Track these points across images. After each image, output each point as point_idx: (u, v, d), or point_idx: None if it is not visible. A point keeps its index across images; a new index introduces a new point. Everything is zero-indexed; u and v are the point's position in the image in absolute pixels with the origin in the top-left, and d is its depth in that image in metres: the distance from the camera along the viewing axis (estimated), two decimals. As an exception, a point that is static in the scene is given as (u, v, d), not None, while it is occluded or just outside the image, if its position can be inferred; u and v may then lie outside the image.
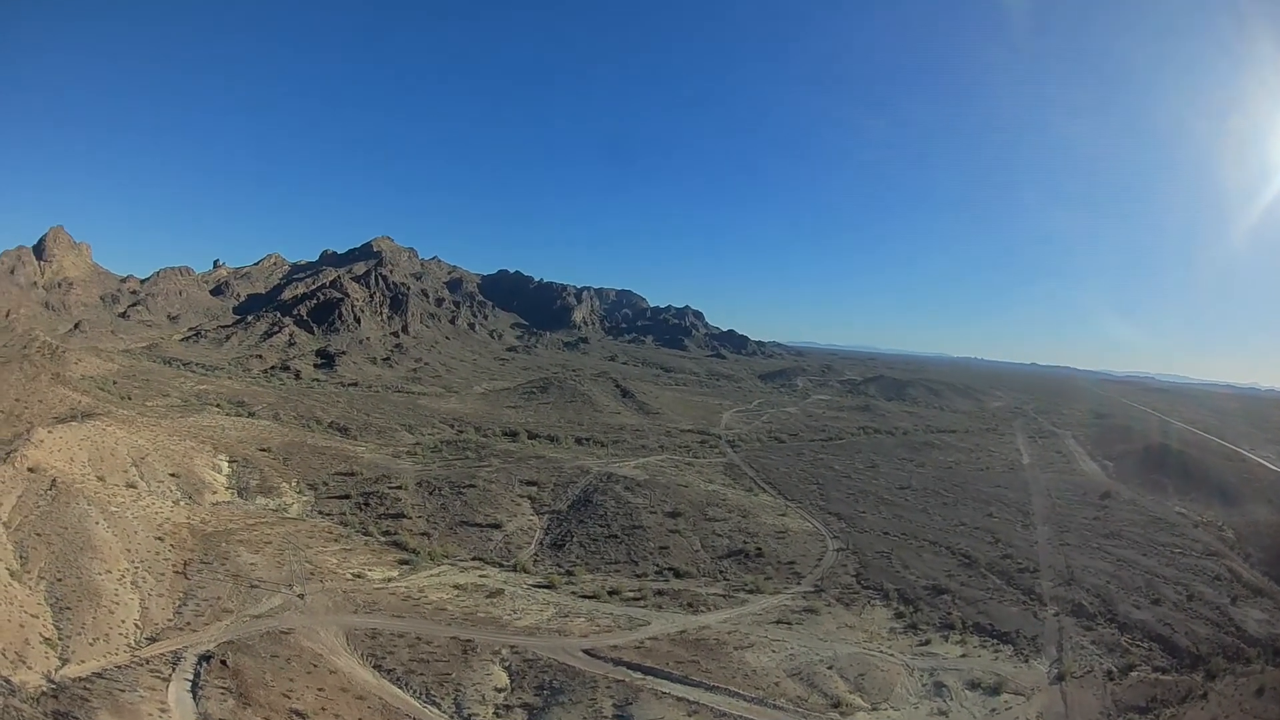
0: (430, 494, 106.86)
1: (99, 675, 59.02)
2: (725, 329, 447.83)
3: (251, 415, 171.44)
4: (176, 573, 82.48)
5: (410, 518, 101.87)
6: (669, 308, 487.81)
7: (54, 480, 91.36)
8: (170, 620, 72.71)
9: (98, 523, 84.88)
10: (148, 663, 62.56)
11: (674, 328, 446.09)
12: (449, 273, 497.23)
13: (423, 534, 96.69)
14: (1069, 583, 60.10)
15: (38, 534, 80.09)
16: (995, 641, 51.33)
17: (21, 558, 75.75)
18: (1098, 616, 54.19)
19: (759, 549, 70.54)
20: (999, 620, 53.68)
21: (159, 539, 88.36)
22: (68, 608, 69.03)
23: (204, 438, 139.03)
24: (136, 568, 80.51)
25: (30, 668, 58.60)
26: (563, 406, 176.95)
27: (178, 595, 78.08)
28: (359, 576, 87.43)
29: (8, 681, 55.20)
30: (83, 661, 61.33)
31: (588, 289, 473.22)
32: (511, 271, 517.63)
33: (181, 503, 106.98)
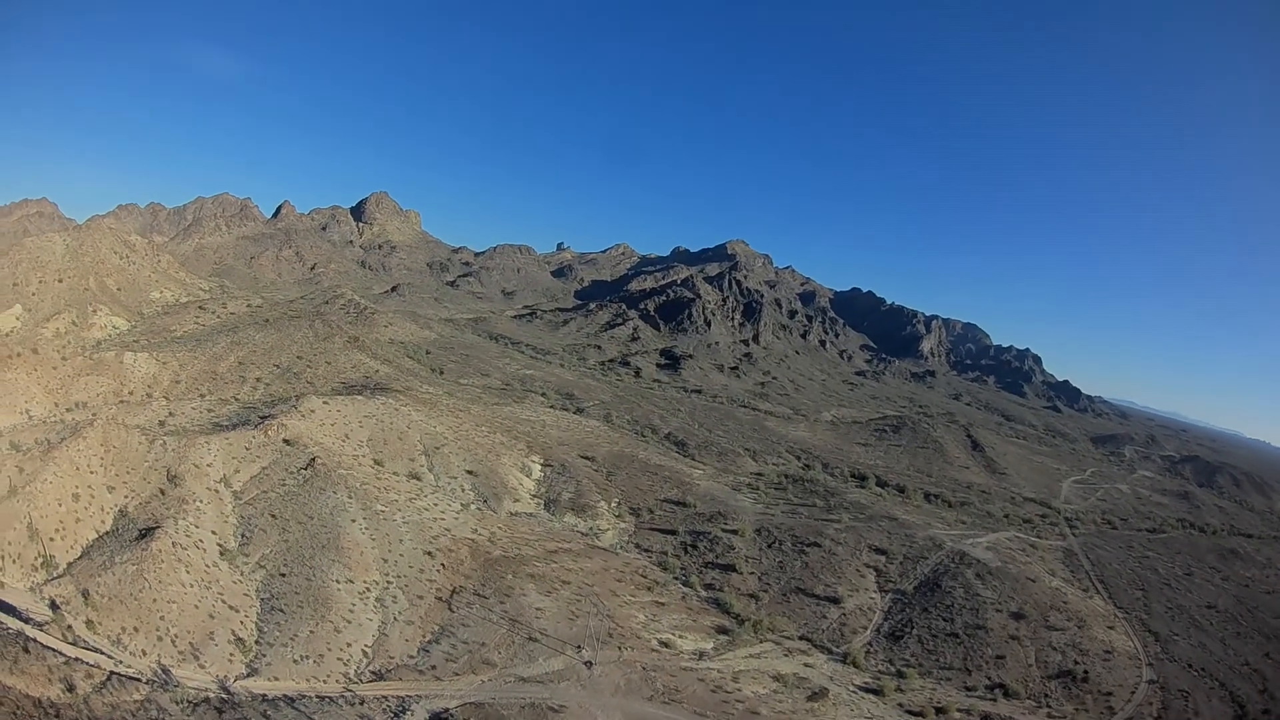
0: (769, 546, 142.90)
1: (289, 700, 73.29)
2: (1060, 378, 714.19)
3: (579, 412, 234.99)
4: (439, 600, 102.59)
5: (741, 573, 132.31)
6: (1010, 348, 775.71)
7: (312, 459, 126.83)
8: (411, 658, 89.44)
9: (354, 520, 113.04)
10: (361, 703, 76.86)
11: (1014, 371, 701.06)
12: (802, 284, 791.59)
13: (751, 596, 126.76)
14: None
15: (272, 515, 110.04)
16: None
17: (242, 537, 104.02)
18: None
19: (1086, 672, 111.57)
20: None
21: (428, 554, 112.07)
22: (281, 610, 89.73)
23: (519, 433, 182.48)
24: (389, 583, 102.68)
25: (203, 665, 76.22)
26: (913, 452, 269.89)
27: (431, 629, 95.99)
28: (666, 645, 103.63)
29: (165, 672, 71.70)
30: (275, 679, 78.03)
31: (936, 318, 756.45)
32: (864, 291, 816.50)
33: (472, 507, 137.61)
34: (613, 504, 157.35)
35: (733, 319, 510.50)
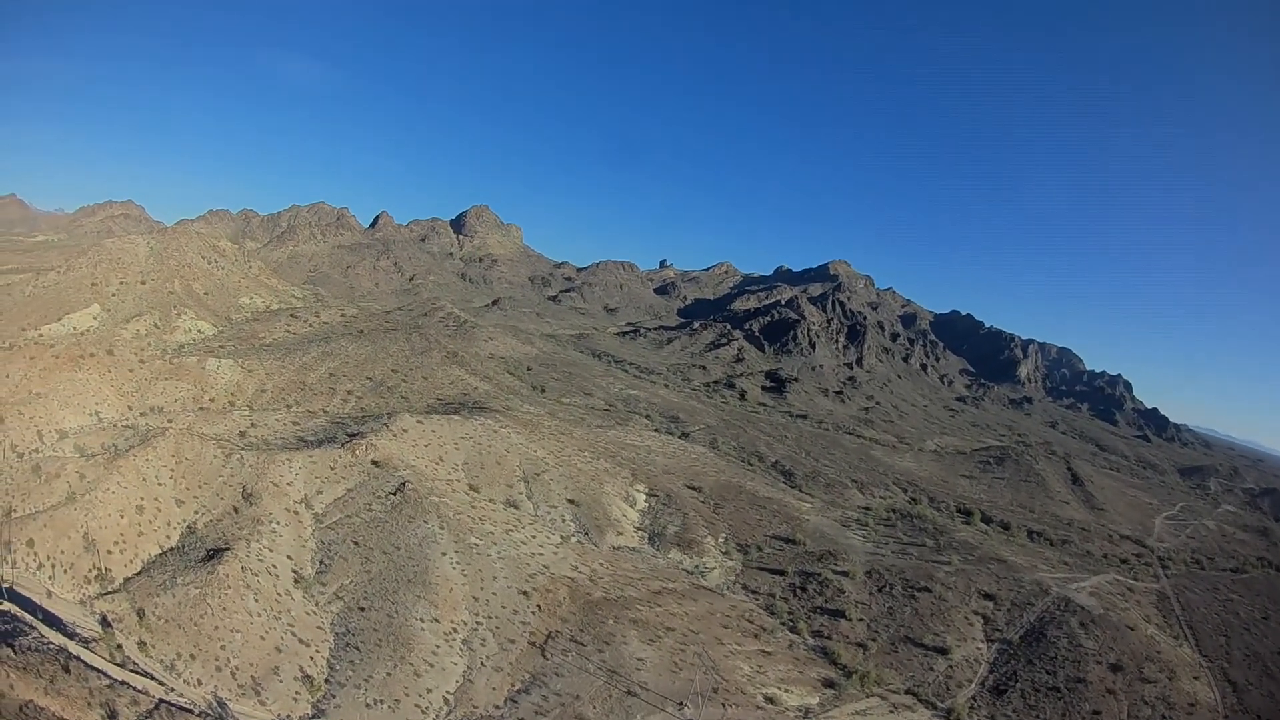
0: (879, 590, 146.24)
1: (356, 747, 68.81)
2: (1149, 406, 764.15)
3: (685, 436, 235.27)
4: (532, 645, 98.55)
5: (850, 619, 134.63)
6: (1102, 374, 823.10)
7: (403, 484, 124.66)
8: (497, 708, 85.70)
9: (445, 553, 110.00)
10: (438, 757, 72.75)
11: (1106, 398, 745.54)
12: (903, 306, 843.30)
13: (859, 645, 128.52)
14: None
15: (355, 543, 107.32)
16: None
17: (321, 564, 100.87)
18: None
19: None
20: None
21: (524, 593, 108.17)
22: (356, 647, 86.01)
23: (623, 459, 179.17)
24: (479, 624, 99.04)
25: (264, 702, 72.65)
26: (1016, 486, 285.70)
27: (522, 677, 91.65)
28: (771, 701, 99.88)
29: (221, 705, 68.19)
30: (343, 721, 74.19)
31: (1033, 343, 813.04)
32: (963, 314, 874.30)
33: (573, 540, 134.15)
34: (719, 539, 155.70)
35: (837, 341, 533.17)
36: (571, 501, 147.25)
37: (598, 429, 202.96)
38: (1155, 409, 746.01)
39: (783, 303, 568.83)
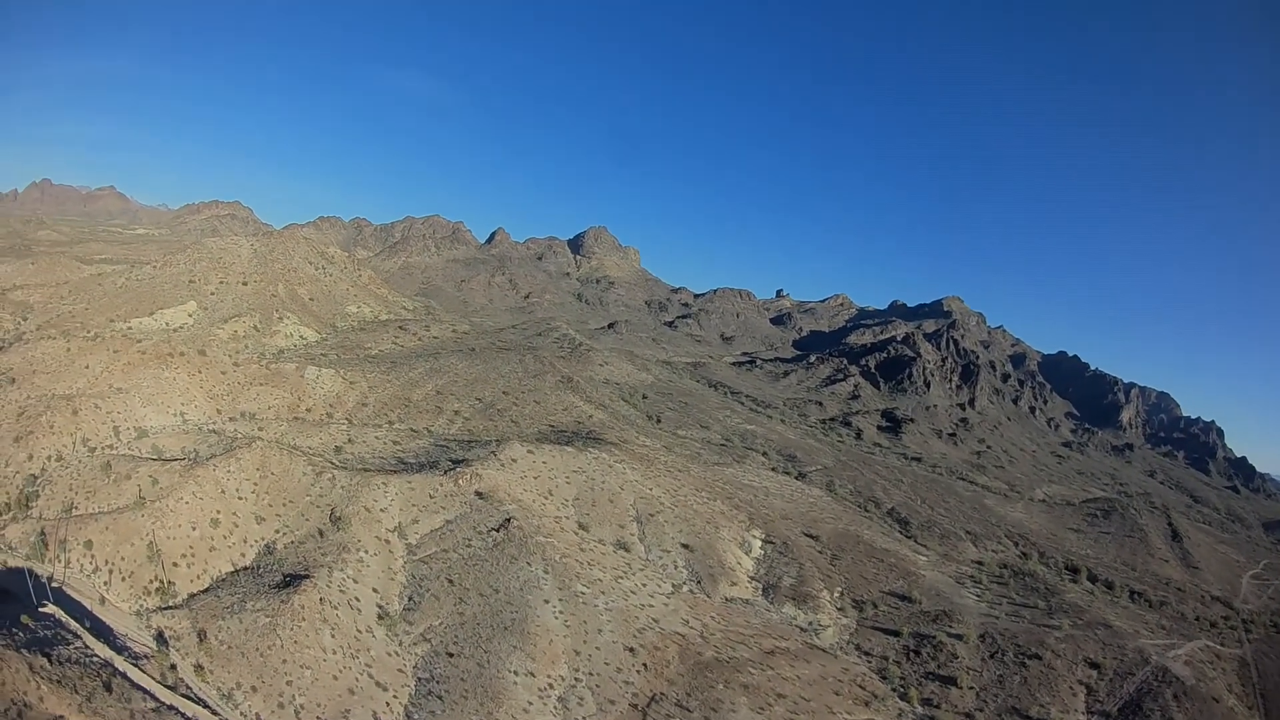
0: (991, 656, 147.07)
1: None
2: (1239, 454, 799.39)
3: (801, 477, 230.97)
4: (633, 708, 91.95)
5: (960, 688, 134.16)
6: (1197, 420, 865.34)
7: (508, 520, 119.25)
8: None
9: (548, 601, 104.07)
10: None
11: (1201, 445, 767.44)
12: (1012, 345, 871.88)
13: (966, 716, 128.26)
14: None
15: (449, 580, 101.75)
16: None
17: (409, 600, 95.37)
18: None
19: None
20: None
21: (630, 650, 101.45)
22: (439, 696, 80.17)
23: (740, 501, 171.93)
24: (577, 680, 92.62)
25: None
26: (1120, 541, 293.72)
27: None
28: None
29: None
30: (413, 779, 69.73)
31: (1134, 387, 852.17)
32: (1070, 355, 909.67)
33: (684, 589, 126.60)
34: (835, 594, 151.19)
35: (950, 381, 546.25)
36: (685, 546, 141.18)
37: (715, 466, 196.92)
38: (1244, 458, 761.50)
39: (899, 339, 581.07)
